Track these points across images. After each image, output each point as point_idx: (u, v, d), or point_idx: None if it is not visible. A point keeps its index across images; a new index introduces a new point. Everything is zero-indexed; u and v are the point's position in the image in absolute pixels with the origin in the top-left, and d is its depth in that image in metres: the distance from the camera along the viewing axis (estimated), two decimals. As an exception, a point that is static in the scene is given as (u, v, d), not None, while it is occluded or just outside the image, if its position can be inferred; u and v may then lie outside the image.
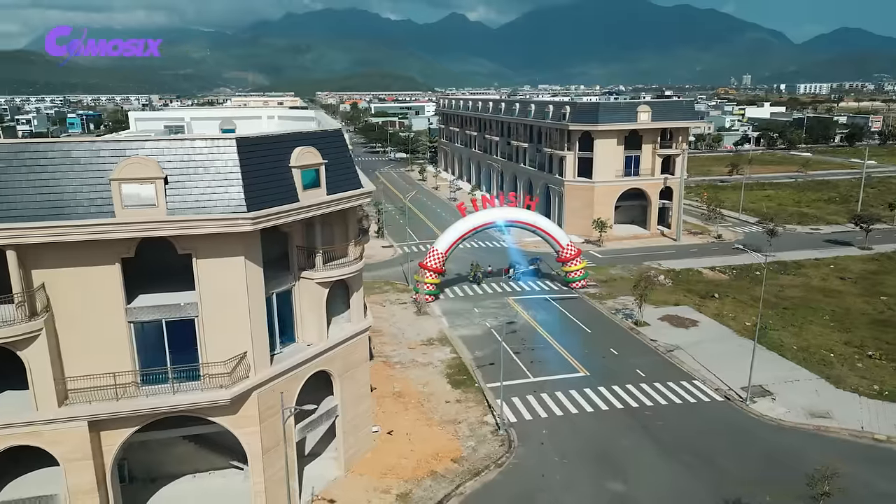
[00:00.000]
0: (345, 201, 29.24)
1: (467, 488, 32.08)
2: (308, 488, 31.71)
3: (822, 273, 66.65)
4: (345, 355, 32.10)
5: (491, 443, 36.04)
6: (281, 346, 29.55)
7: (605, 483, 32.31)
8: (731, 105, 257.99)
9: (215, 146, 24.60)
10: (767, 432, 36.89)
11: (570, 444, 35.94)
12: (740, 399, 40.34)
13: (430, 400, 40.99)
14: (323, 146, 28.40)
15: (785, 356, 46.46)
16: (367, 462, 34.02)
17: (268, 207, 25.06)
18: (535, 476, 33.05)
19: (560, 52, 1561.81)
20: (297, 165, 26.85)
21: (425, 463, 33.99)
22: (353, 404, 33.10)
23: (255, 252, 26.08)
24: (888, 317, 54.38)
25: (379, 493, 31.58)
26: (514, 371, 45.05)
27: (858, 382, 42.25)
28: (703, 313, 55.23)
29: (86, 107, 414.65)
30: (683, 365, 45.62)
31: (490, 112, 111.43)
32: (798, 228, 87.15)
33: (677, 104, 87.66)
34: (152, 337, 25.79)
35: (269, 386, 27.63)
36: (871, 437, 36.11)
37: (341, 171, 29.58)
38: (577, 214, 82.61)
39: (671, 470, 33.33)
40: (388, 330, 52.70)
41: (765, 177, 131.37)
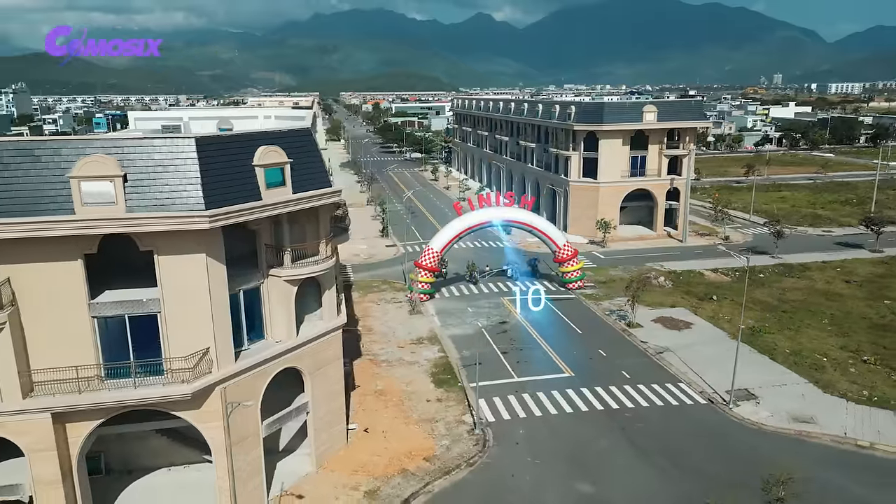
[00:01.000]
0: (312, 200, 29.54)
1: (436, 487, 32.21)
2: (279, 483, 32.13)
3: (827, 276, 65.40)
4: (316, 353, 32.43)
5: (466, 442, 36.10)
6: (249, 342, 29.96)
7: (574, 484, 32.19)
8: (755, 105, 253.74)
9: (175, 145, 25.08)
10: (747, 436, 36.40)
11: (545, 445, 35.85)
12: (723, 402, 39.83)
13: (412, 398, 41.17)
14: (289, 145, 28.75)
15: (776, 360, 45.75)
16: (341, 459, 34.32)
17: (227, 205, 25.45)
18: (505, 476, 33.06)
19: (586, 52, 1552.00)
20: (261, 164, 27.23)
21: (397, 461, 34.19)
22: (324, 401, 33.42)
23: (217, 249, 26.50)
24: (889, 321, 53.21)
25: (348, 489, 31.86)
26: (499, 371, 45.06)
27: (848, 388, 41.44)
28: (699, 315, 54.60)
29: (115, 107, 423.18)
30: (671, 367, 45.18)
31: (500, 112, 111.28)
32: (809, 230, 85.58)
33: (684, 104, 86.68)
34: (116, 332, 26.36)
35: (233, 382, 28.05)
36: (854, 442, 35.42)
37: (309, 170, 29.90)
38: (582, 215, 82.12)
39: (643, 472, 33.09)
40: (378, 328, 53.01)
41: (782, 178, 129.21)
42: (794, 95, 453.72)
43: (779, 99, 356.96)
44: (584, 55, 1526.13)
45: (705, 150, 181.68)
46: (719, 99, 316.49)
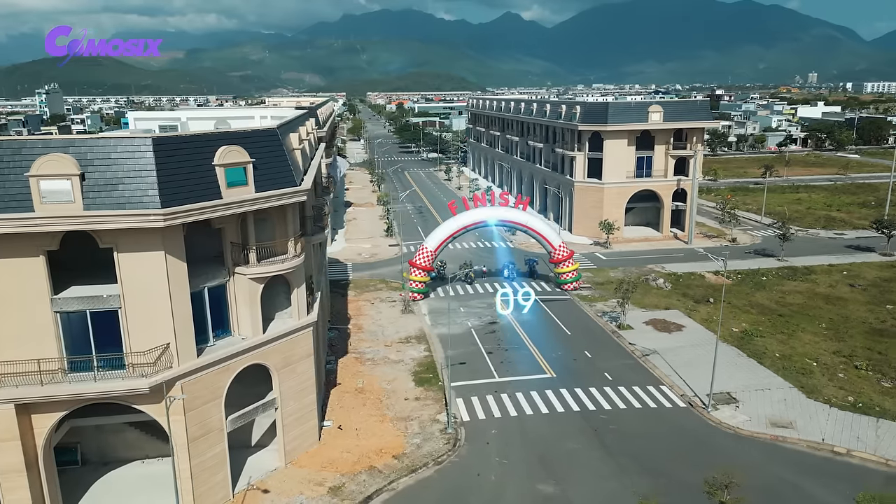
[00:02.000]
0: (275, 199, 30.01)
1: (400, 484, 32.46)
2: (247, 477, 32.69)
3: (831, 279, 64.09)
4: (284, 350, 32.91)
5: (437, 441, 36.29)
6: (215, 338, 30.55)
7: (536, 484, 32.17)
8: (782, 104, 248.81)
9: (132, 145, 25.71)
10: (721, 440, 35.97)
11: (515, 445, 35.88)
12: (703, 406, 39.39)
13: (391, 397, 41.48)
14: (252, 146, 29.30)
15: (763, 363, 45.07)
16: (311, 455, 34.77)
17: (183, 204, 26.02)
18: (470, 475, 33.18)
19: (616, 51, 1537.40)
20: (221, 164, 27.77)
21: (366, 458, 34.53)
22: (294, 398, 33.89)
23: (177, 247, 27.09)
24: (889, 326, 52.00)
25: (313, 485, 32.29)
26: (482, 370, 45.16)
27: (834, 393, 40.67)
28: (692, 318, 53.97)
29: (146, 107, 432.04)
30: (655, 370, 44.79)
31: (511, 112, 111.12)
32: (821, 233, 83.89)
33: (691, 104, 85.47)
34: (78, 327, 27.08)
35: (195, 377, 28.64)
36: (831, 449, 34.78)
37: (273, 170, 30.39)
38: (586, 215, 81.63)
39: (607, 474, 32.92)
40: (369, 327, 53.45)
41: (801, 179, 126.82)
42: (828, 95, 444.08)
43: (809, 98, 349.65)
44: (614, 54, 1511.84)
45: (727, 151, 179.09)
46: (745, 98, 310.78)
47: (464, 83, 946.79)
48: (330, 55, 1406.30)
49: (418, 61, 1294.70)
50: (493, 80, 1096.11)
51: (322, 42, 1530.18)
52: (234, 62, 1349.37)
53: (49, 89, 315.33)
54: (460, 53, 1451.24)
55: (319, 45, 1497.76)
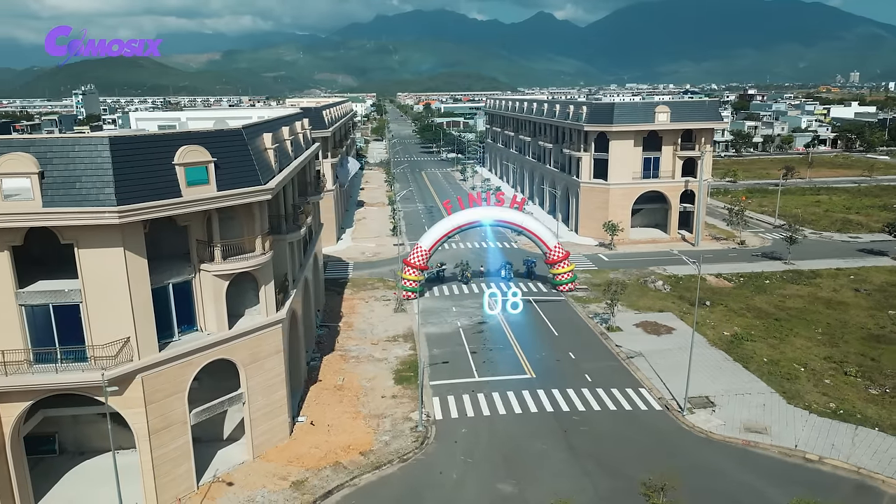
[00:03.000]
0: (237, 198, 30.67)
1: (362, 480, 32.87)
2: (214, 470, 33.46)
3: (836, 283, 62.64)
4: (252, 346, 33.58)
5: (406, 438, 36.61)
6: (180, 333, 31.35)
7: (496, 484, 32.27)
8: (814, 104, 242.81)
9: (90, 144, 26.61)
10: (691, 444, 35.59)
11: (482, 444, 36.01)
12: (679, 409, 38.99)
13: (368, 394, 41.93)
14: (216, 145, 30.02)
15: (748, 368, 44.36)
16: (280, 449, 35.38)
17: (140, 202, 26.81)
18: (433, 473, 33.43)
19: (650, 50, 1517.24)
20: (181, 163, 28.53)
21: (333, 454, 35.02)
22: (262, 393, 34.53)
23: (136, 244, 27.89)
24: (888, 332, 50.69)
25: (277, 479, 32.88)
26: (463, 370, 45.33)
27: (816, 399, 39.88)
28: (684, 321, 53.31)
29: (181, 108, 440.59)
30: (637, 372, 44.43)
31: (524, 113, 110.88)
32: (835, 236, 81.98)
33: (699, 104, 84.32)
34: (42, 320, 28.08)
35: (157, 370, 29.45)
36: (803, 456, 34.16)
37: (238, 169, 31.08)
38: (592, 216, 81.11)
39: (568, 475, 32.85)
40: (359, 325, 54.02)
41: (824, 180, 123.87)
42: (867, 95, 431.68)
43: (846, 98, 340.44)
44: (649, 53, 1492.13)
45: (752, 152, 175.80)
46: (778, 98, 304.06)
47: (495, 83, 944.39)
48: (362, 56, 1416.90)
49: (450, 62, 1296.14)
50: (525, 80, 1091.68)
51: (354, 43, 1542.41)
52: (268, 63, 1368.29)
53: (85, 90, 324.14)
54: (492, 53, 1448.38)
55: (352, 46, 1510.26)
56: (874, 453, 34.09)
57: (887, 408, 38.83)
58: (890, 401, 39.77)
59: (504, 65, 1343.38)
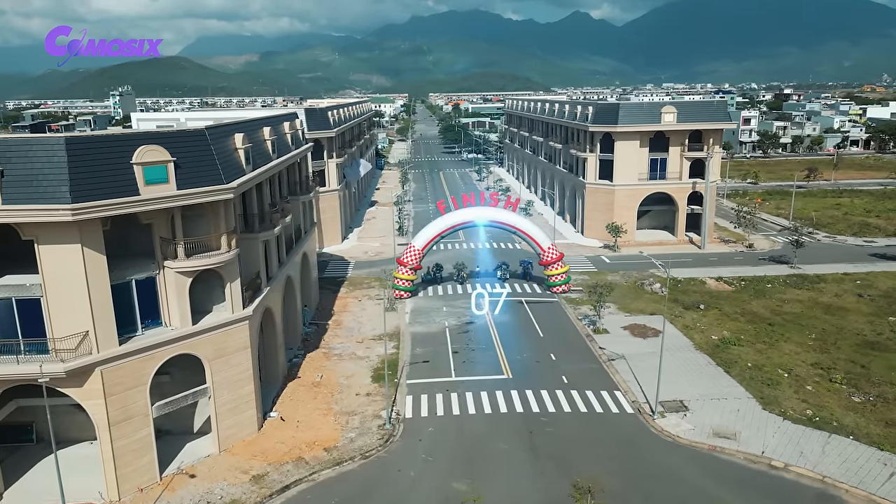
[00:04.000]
0: (197, 196, 31.41)
1: (321, 476, 33.34)
2: (179, 462, 34.31)
3: (840, 288, 61.05)
4: (217, 342, 34.33)
5: (372, 436, 36.99)
6: (144, 328, 32.25)
7: (451, 482, 32.41)
8: (849, 104, 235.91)
9: (47, 144, 27.61)
10: (656, 448, 35.21)
11: (446, 443, 36.19)
12: (650, 413, 38.59)
13: (344, 392, 42.43)
14: (176, 145, 30.82)
15: (729, 373, 43.63)
16: (247, 444, 36.08)
17: (96, 200, 27.71)
18: (391, 470, 33.73)
19: (689, 49, 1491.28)
20: (139, 162, 29.38)
21: (297, 449, 35.58)
22: (228, 388, 35.25)
23: (94, 240, 28.81)
24: (884, 339, 49.29)
25: (239, 472, 33.56)
26: (442, 369, 45.54)
27: (794, 406, 39.05)
28: (674, 324, 52.61)
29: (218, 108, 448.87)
30: (616, 374, 44.07)
31: (537, 113, 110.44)
32: (849, 240, 79.84)
33: (706, 105, 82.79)
34: (5, 313, 29.23)
35: (117, 363, 30.36)
36: (768, 463, 33.53)
37: (199, 169, 31.82)
38: (598, 218, 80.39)
39: (524, 475, 32.80)
40: (347, 323, 54.62)
41: (849, 182, 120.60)
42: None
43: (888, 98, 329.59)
44: (687, 52, 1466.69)
45: (780, 153, 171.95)
46: (814, 98, 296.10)
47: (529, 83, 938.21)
48: (397, 56, 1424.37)
49: (484, 62, 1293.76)
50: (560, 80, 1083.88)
51: (389, 44, 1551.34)
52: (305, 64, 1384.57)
53: (122, 91, 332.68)
54: (527, 53, 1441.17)
55: (386, 47, 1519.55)
56: (843, 462, 33.29)
57: (867, 416, 37.84)
58: (871, 409, 38.73)
59: (539, 64, 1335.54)
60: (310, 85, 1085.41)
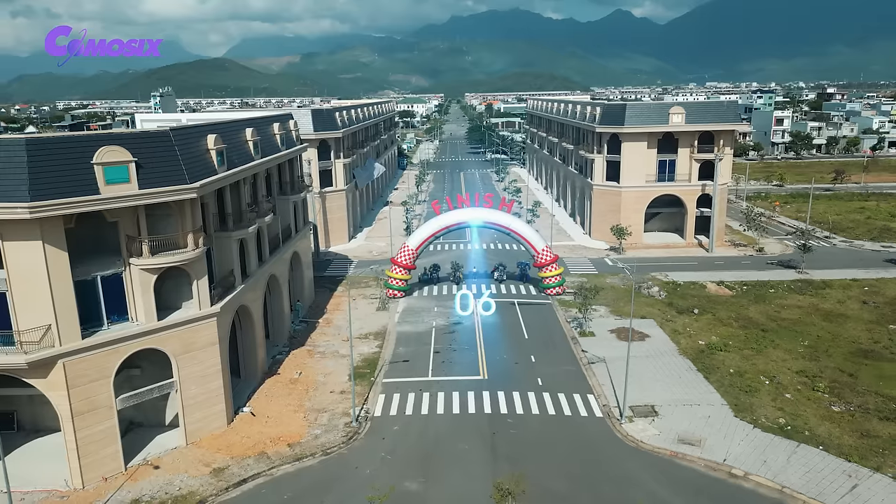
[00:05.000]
0: (161, 195, 32.35)
1: (280, 471, 33.94)
2: (146, 453, 35.37)
3: (845, 295, 59.25)
4: (184, 337, 35.26)
5: (337, 433, 37.49)
6: (110, 323, 33.37)
7: (403, 481, 32.66)
8: (891, 104, 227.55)
9: (9, 145, 28.85)
10: (616, 452, 34.87)
11: (407, 442, 36.47)
12: (618, 418, 38.21)
13: (319, 389, 43.07)
14: (138, 146, 31.84)
15: (708, 378, 42.85)
16: (214, 437, 36.92)
17: (54, 199, 28.84)
18: (349, 467, 34.16)
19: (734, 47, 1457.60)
20: (99, 162, 30.44)
21: (261, 444, 36.28)
22: (195, 383, 36.14)
23: (56, 237, 29.93)
24: (880, 348, 47.72)
25: (201, 465, 34.42)
26: (420, 369, 45.82)
27: (768, 414, 38.19)
28: (663, 328, 51.86)
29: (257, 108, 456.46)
30: (592, 378, 43.73)
31: (553, 113, 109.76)
32: (866, 245, 77.38)
33: (717, 105, 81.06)
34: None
35: (80, 356, 31.49)
36: (728, 471, 32.92)
37: (163, 169, 32.76)
38: (605, 219, 79.60)
39: (477, 476, 32.80)
40: (337, 322, 55.31)
41: (880, 185, 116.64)
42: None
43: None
44: (732, 50, 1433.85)
45: (814, 154, 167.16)
46: (853, 97, 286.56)
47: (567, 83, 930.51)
48: (435, 57, 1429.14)
49: (522, 61, 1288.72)
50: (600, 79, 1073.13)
51: (428, 44, 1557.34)
52: (345, 65, 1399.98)
53: (163, 93, 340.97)
54: (566, 53, 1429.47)
55: (425, 48, 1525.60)
56: (806, 472, 32.47)
57: (843, 426, 36.78)
58: (849, 419, 37.63)
59: (578, 64, 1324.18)
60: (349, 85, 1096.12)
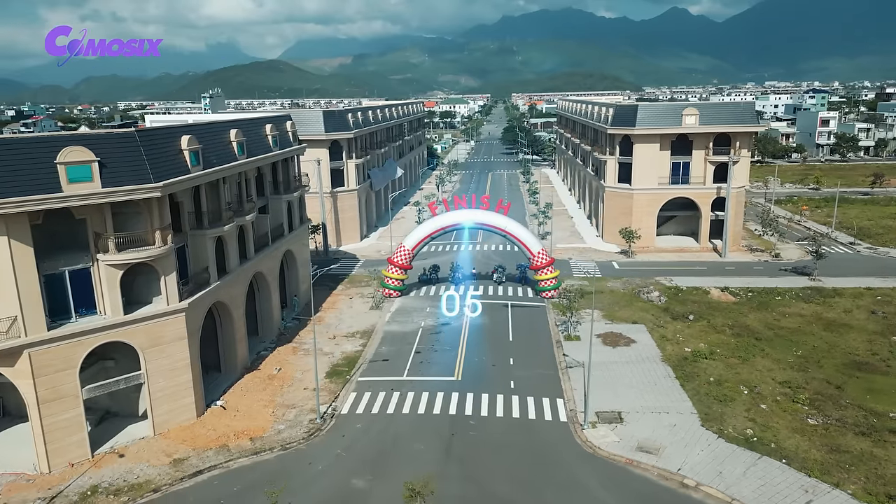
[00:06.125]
0: (121, 194, 33.58)
1: (237, 464, 34.79)
2: (114, 442, 36.76)
3: (854, 304, 56.88)
4: (151, 331, 36.50)
5: (300, 429, 38.16)
6: (79, 316, 34.82)
7: (352, 478, 33.05)
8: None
9: (-25, 146, 30.49)
10: (571, 458, 34.46)
11: (366, 441, 36.84)
12: (581, 423, 37.74)
13: (295, 385, 43.86)
14: (102, 146, 33.16)
15: (685, 387, 41.86)
16: (182, 429, 38.07)
17: (15, 197, 30.34)
18: (302, 463, 34.75)
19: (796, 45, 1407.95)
20: (62, 162, 31.84)
21: (225, 437, 37.24)
22: (164, 376, 37.35)
23: (22, 233, 31.45)
24: (875, 360, 45.69)
25: (163, 455, 35.56)
26: (396, 368, 46.16)
27: (737, 424, 37.11)
28: (651, 335, 50.83)
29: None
30: (567, 382, 43.26)
31: (576, 115, 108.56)
32: (892, 252, 73.99)
33: (733, 107, 78.64)
34: (-53, 297, 32.44)
35: (45, 347, 32.99)
36: (681, 481, 32.17)
37: (128, 168, 34.00)
38: (617, 222, 78.35)
39: (425, 476, 32.80)
40: (329, 320, 56.14)
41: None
42: None
43: None
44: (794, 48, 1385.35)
45: (861, 156, 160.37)
46: None
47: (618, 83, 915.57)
48: (485, 57, 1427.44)
49: (573, 61, 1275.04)
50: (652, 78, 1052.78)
51: (478, 44, 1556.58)
52: (395, 66, 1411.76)
53: (212, 94, 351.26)
54: (619, 52, 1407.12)
55: (475, 48, 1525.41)
56: (762, 486, 31.47)
57: (813, 440, 35.45)
58: (823, 433, 36.23)
59: (630, 63, 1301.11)
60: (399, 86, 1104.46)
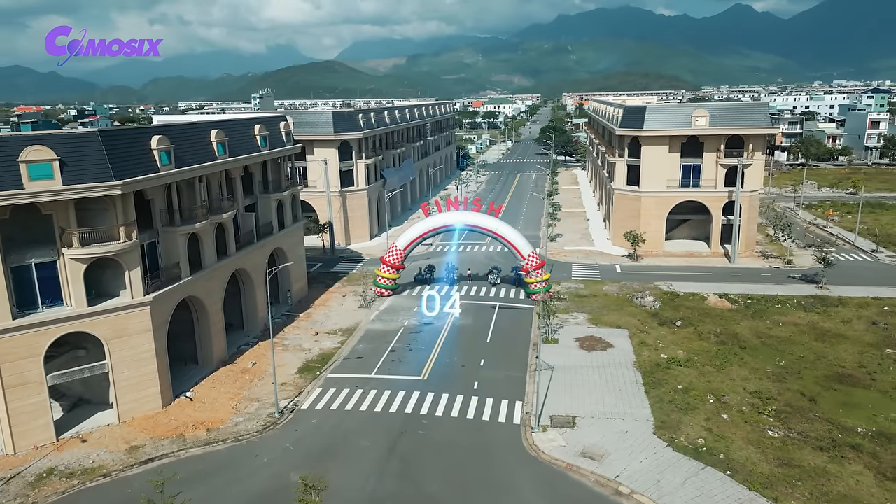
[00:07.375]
0: (81, 191, 35.17)
1: (188, 453, 35.94)
2: (81, 427, 38.51)
3: (857, 314, 54.48)
4: (116, 323, 38.08)
5: (257, 422, 39.13)
6: (45, 306, 36.64)
7: (290, 472, 33.68)
8: None
9: (-59, 145, 32.50)
10: (512, 461, 34.29)
11: (316, 436, 37.51)
12: (532, 427, 37.48)
13: (265, 379, 44.88)
14: (65, 146, 34.83)
15: (648, 393, 41.02)
16: (146, 418, 39.51)
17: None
18: (250, 455, 35.65)
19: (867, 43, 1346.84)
20: (24, 160, 33.59)
21: (183, 427, 38.50)
22: (128, 367, 38.88)
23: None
24: (860, 373, 43.68)
25: (122, 442, 37.05)
26: (368, 366, 46.70)
27: (690, 433, 36.22)
28: (631, 340, 49.93)
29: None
30: (530, 385, 42.96)
31: (598, 115, 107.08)
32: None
33: (745, 108, 76.02)
34: (-79, 286, 34.66)
35: (9, 335, 34.85)
36: (615, 488, 31.67)
37: (89, 167, 35.57)
38: (625, 225, 76.96)
39: (363, 473, 33.39)
40: (316, 317, 57.17)
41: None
42: None
43: None
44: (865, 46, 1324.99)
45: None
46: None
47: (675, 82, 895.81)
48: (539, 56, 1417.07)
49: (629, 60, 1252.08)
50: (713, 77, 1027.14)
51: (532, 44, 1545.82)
52: (449, 66, 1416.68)
53: (262, 94, 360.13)
54: (677, 50, 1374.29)
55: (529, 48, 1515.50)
56: (697, 496, 30.71)
57: (766, 453, 34.28)
58: (779, 446, 34.98)
59: (690, 62, 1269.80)
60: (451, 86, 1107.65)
